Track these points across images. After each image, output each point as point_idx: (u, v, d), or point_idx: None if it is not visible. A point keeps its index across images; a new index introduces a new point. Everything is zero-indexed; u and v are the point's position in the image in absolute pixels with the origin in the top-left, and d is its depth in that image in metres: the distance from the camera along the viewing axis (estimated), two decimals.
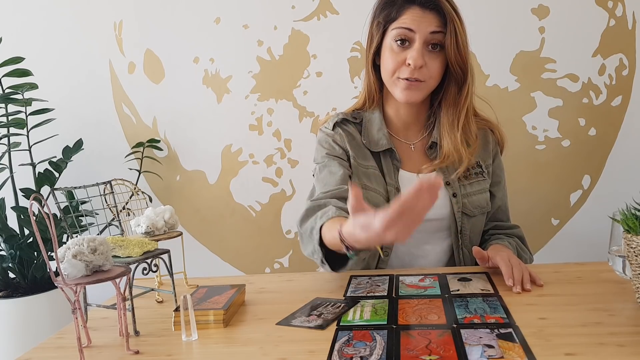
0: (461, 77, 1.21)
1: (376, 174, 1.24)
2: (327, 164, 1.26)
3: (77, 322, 0.78)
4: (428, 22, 1.16)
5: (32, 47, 2.04)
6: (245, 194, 2.06)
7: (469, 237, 1.26)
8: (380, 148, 1.25)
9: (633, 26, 1.84)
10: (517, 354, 0.73)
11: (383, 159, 1.26)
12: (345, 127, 1.29)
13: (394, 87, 1.21)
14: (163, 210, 1.10)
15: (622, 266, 1.00)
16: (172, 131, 2.07)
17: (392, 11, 1.19)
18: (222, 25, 1.98)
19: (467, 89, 1.22)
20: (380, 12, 1.22)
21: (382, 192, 1.22)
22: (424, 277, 1.08)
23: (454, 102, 1.23)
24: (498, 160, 1.33)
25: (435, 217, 1.24)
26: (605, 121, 1.89)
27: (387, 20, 1.20)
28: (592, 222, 1.92)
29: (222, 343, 0.85)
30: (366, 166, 1.25)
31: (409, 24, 1.16)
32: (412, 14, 1.16)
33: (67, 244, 0.82)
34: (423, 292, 1.00)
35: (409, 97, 1.20)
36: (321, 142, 1.31)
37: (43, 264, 1.89)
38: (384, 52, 1.22)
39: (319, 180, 1.25)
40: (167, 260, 0.97)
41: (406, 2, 1.17)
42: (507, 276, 1.00)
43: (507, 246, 1.20)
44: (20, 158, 1.95)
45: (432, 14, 1.16)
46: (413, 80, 1.17)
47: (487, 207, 1.28)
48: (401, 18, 1.17)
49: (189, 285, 1.15)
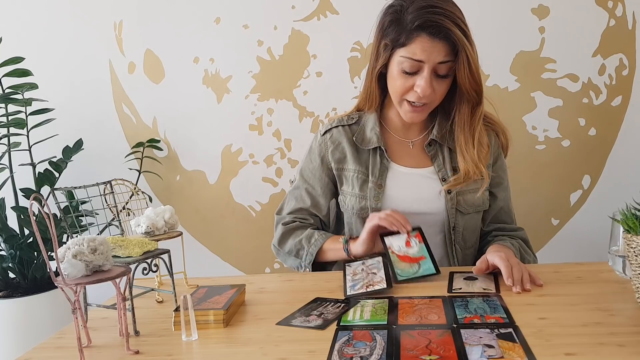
0: (475, 99, 1.21)
1: (359, 177, 1.29)
2: (305, 182, 1.36)
3: (77, 322, 0.78)
4: (437, 52, 1.13)
5: (32, 47, 2.04)
6: (245, 194, 2.06)
7: (462, 234, 1.26)
8: (371, 145, 1.28)
9: (633, 26, 1.84)
10: (517, 354, 0.73)
11: (372, 156, 1.29)
12: (336, 133, 1.34)
13: (399, 106, 1.24)
14: (163, 210, 1.10)
15: (622, 266, 1.01)
16: (172, 131, 2.07)
17: (400, 36, 1.15)
18: (222, 25, 1.98)
19: (481, 108, 1.22)
20: (387, 31, 1.18)
21: (360, 194, 1.28)
22: (408, 241, 1.09)
23: (468, 122, 1.23)
24: (500, 162, 1.33)
25: (425, 211, 1.25)
26: (605, 121, 1.89)
27: (396, 45, 1.17)
28: (592, 222, 1.92)
29: (222, 343, 0.85)
30: (351, 169, 1.30)
31: (418, 56, 1.14)
32: (422, 43, 1.13)
33: (67, 244, 0.82)
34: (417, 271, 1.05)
35: (414, 119, 1.24)
36: (311, 151, 1.38)
37: (43, 264, 1.89)
38: (391, 71, 1.21)
39: (292, 196, 1.38)
40: (167, 260, 0.97)
41: (416, 30, 1.12)
42: (507, 276, 1.00)
43: (509, 247, 1.20)
44: (20, 158, 1.95)
45: (442, 43, 1.12)
46: (420, 104, 1.20)
47: (482, 206, 1.28)
48: (410, 46, 1.14)
49: (189, 285, 1.15)
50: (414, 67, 1.15)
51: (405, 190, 1.26)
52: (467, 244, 1.28)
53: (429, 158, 1.28)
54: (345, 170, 1.31)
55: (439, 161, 1.27)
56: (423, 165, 1.28)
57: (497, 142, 1.33)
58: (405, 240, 1.11)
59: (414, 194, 1.26)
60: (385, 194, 1.25)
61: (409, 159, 1.29)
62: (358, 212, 1.27)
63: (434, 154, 1.28)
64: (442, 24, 1.11)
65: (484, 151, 1.26)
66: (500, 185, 1.32)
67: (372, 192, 1.26)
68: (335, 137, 1.33)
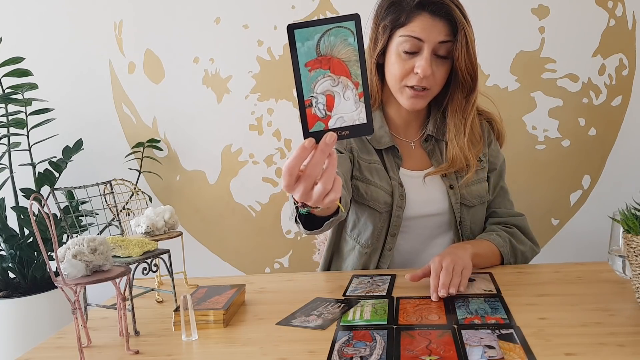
0: (470, 84, 1.20)
1: (379, 168, 1.24)
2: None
3: (77, 322, 0.78)
4: (438, 30, 1.13)
5: (32, 47, 2.04)
6: (245, 194, 2.06)
7: (469, 227, 1.25)
8: (384, 145, 1.25)
9: (633, 26, 1.84)
10: (517, 355, 0.73)
11: (385, 156, 1.26)
12: None
13: (399, 94, 1.21)
14: (163, 210, 1.10)
15: (622, 266, 1.01)
16: (172, 131, 2.07)
17: (400, 15, 1.15)
18: (222, 25, 1.98)
19: (475, 96, 1.21)
20: (386, 13, 1.18)
21: (384, 187, 1.22)
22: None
23: (460, 109, 1.22)
24: (493, 146, 1.32)
25: (435, 212, 1.24)
26: (605, 121, 1.89)
27: (395, 25, 1.16)
28: (592, 222, 1.92)
29: (222, 343, 0.85)
30: (369, 161, 1.25)
31: (418, 33, 1.13)
32: (422, 21, 1.13)
33: (67, 244, 0.82)
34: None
35: (414, 105, 1.20)
36: None
37: (43, 264, 1.89)
38: (389, 56, 1.19)
39: None
40: (167, 260, 0.97)
41: (416, 8, 1.13)
42: (432, 287, 0.98)
43: (490, 240, 1.18)
44: (20, 158, 1.96)
45: (442, 22, 1.13)
46: (420, 89, 1.17)
47: (486, 196, 1.28)
48: (410, 25, 1.14)
49: (189, 285, 1.15)
50: (414, 46, 1.14)
51: (415, 193, 1.24)
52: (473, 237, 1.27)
53: (428, 156, 1.28)
54: (363, 159, 1.25)
55: (437, 157, 1.27)
56: (425, 166, 1.27)
57: (488, 128, 1.32)
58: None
59: (424, 196, 1.24)
60: (406, 195, 1.24)
61: (412, 161, 1.28)
62: (381, 206, 1.21)
63: (431, 150, 1.28)
64: (443, 2, 1.12)
65: (477, 142, 1.25)
66: (494, 170, 1.31)
67: (397, 189, 1.22)
68: None
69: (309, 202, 0.72)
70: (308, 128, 0.66)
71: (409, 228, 1.24)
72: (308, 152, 0.66)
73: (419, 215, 1.23)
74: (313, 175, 0.68)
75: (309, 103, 0.66)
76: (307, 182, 0.69)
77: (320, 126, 0.66)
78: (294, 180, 0.69)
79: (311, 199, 0.71)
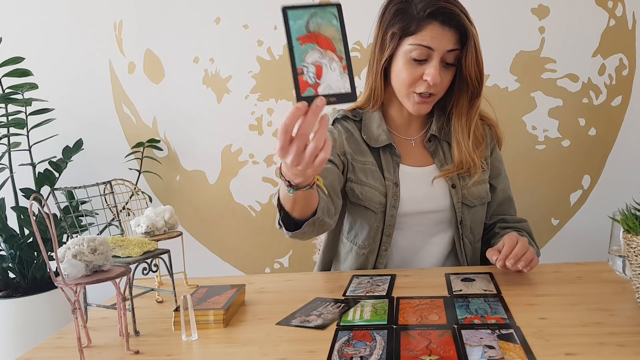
0: (477, 90, 1.22)
1: (373, 170, 1.25)
2: None
3: (77, 322, 0.78)
4: (447, 40, 1.15)
5: (32, 47, 2.04)
6: (245, 194, 2.06)
7: (469, 227, 1.27)
8: (380, 144, 1.26)
9: (633, 26, 1.84)
10: (517, 355, 0.73)
11: (382, 155, 1.27)
12: (345, 123, 1.31)
13: (406, 99, 1.23)
14: (163, 210, 1.10)
15: (622, 266, 1.00)
16: (172, 131, 2.07)
17: (410, 24, 1.16)
18: (222, 25, 1.98)
19: (480, 99, 1.24)
20: (394, 21, 1.18)
21: (378, 188, 1.23)
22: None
23: (466, 112, 1.25)
24: (496, 153, 1.35)
25: (436, 209, 1.25)
26: (605, 121, 1.89)
27: (405, 33, 1.17)
28: (592, 222, 1.92)
29: (222, 343, 0.85)
30: (363, 162, 1.26)
31: (428, 42, 1.14)
32: (433, 30, 1.14)
33: (67, 244, 0.82)
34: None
35: (420, 111, 1.23)
36: None
37: (43, 264, 1.89)
38: (397, 61, 1.20)
39: None
40: (167, 260, 0.97)
41: (427, 17, 1.14)
42: (502, 255, 1.03)
43: (525, 235, 1.23)
44: (20, 158, 1.96)
45: (452, 31, 1.15)
46: (427, 95, 1.19)
47: (486, 197, 1.29)
48: (420, 34, 1.15)
49: (189, 285, 1.15)
50: (423, 54, 1.16)
51: (415, 190, 1.25)
52: (475, 238, 1.29)
53: (430, 155, 1.29)
54: (358, 161, 1.26)
55: (440, 157, 1.28)
56: (426, 163, 1.28)
57: (491, 133, 1.34)
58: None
59: (423, 193, 1.25)
60: (400, 194, 1.24)
61: (412, 158, 1.29)
62: (376, 206, 1.22)
63: (435, 150, 1.29)
64: (453, 12, 1.13)
65: (480, 144, 1.28)
66: (499, 175, 1.33)
67: (391, 190, 1.23)
68: (347, 127, 1.30)
69: (301, 165, 0.78)
70: (300, 93, 0.75)
71: (408, 224, 1.25)
72: (301, 112, 0.74)
73: (418, 211, 1.24)
74: (306, 134, 0.76)
75: (300, 71, 0.75)
76: (301, 140, 0.76)
77: (311, 92, 0.75)
78: (288, 140, 0.76)
79: (303, 160, 0.78)
